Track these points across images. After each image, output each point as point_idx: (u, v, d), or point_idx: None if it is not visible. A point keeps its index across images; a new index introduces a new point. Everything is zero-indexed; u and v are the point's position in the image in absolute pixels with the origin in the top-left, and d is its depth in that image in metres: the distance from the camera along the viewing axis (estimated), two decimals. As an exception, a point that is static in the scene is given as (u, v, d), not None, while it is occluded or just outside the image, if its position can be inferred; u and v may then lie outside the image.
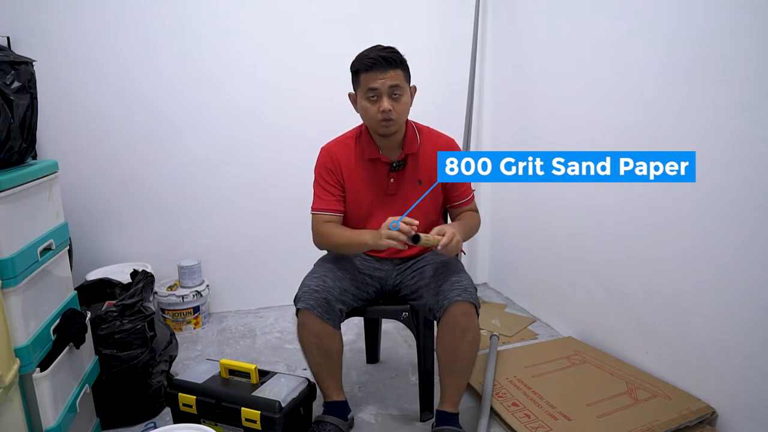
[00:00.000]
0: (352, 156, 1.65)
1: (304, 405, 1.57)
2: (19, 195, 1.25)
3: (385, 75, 1.49)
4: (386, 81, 1.49)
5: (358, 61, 1.54)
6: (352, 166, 1.65)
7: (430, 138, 1.68)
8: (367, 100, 1.53)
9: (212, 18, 2.39)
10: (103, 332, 1.66)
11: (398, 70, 1.51)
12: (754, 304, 1.45)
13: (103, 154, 2.38)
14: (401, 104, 1.53)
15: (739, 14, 1.44)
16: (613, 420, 1.58)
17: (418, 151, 1.64)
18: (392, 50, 1.53)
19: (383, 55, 1.49)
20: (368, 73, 1.50)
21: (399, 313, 1.67)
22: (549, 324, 2.45)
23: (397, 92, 1.51)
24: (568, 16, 2.16)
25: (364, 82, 1.52)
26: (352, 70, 1.56)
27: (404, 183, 1.66)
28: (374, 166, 1.64)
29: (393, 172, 1.65)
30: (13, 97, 1.24)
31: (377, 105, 1.51)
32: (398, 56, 1.52)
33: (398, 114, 1.53)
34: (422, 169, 1.65)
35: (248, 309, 2.72)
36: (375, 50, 1.52)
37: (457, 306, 1.47)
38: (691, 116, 1.61)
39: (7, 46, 1.71)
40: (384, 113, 1.51)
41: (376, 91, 1.50)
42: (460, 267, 1.64)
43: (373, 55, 1.50)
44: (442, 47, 2.68)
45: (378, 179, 1.65)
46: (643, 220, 1.83)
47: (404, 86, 1.53)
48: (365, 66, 1.50)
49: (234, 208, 2.59)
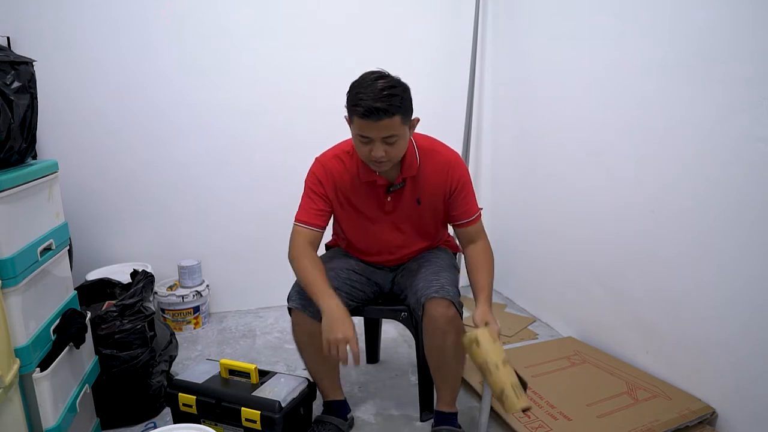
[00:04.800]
0: (347, 174, 1.56)
1: (304, 405, 1.57)
2: (19, 195, 1.25)
3: (378, 125, 1.34)
4: (380, 132, 1.36)
5: (352, 100, 1.37)
6: (347, 183, 1.57)
7: (431, 156, 1.56)
8: (359, 140, 1.42)
9: (212, 18, 2.39)
10: (103, 332, 1.66)
11: (395, 117, 1.34)
12: (755, 304, 1.45)
13: (103, 154, 2.38)
14: (396, 148, 1.41)
15: (739, 14, 1.44)
16: (613, 420, 1.58)
17: (417, 172, 1.55)
18: (389, 96, 1.33)
19: (377, 107, 1.31)
20: (360, 120, 1.36)
21: (398, 313, 1.67)
22: (549, 324, 2.45)
23: (392, 139, 1.38)
24: (568, 15, 2.16)
25: (356, 125, 1.39)
26: (346, 105, 1.41)
27: (402, 202, 1.58)
28: (371, 186, 1.57)
29: (390, 193, 1.57)
30: (13, 97, 1.24)
31: (369, 147, 1.40)
32: (395, 103, 1.34)
33: (392, 156, 1.42)
34: (422, 189, 1.57)
35: (248, 309, 2.72)
36: (370, 95, 1.33)
37: (433, 305, 1.44)
38: (691, 116, 1.61)
39: (7, 46, 1.71)
40: (376, 158, 1.41)
41: (368, 138, 1.39)
42: (443, 264, 1.61)
43: (365, 103, 1.32)
44: (442, 47, 2.68)
45: (375, 197, 1.58)
46: (643, 220, 1.83)
47: (400, 131, 1.38)
48: (357, 113, 1.35)
49: (234, 208, 2.59)
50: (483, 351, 1.31)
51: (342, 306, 1.41)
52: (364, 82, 1.37)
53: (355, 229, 1.64)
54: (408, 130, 1.43)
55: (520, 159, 2.59)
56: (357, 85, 1.38)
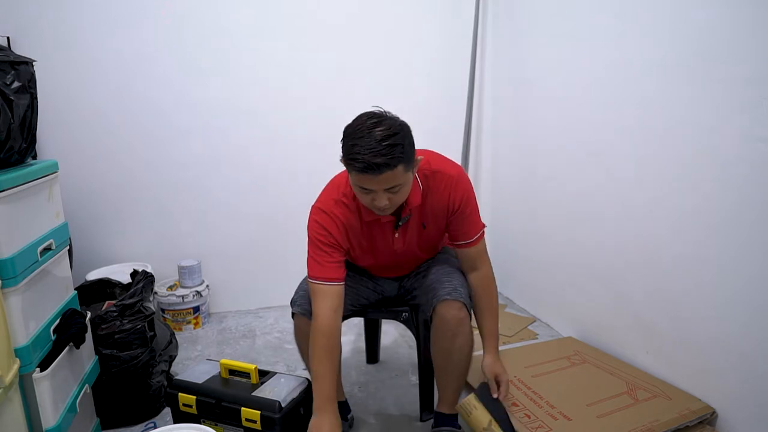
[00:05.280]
0: (353, 217, 1.44)
1: (304, 405, 1.57)
2: (19, 195, 1.25)
3: (379, 179, 1.23)
4: (381, 184, 1.25)
5: (347, 152, 1.25)
6: (356, 228, 1.46)
7: (433, 179, 1.46)
8: (360, 191, 1.31)
9: (212, 18, 2.39)
10: (103, 332, 1.66)
11: (397, 168, 1.23)
12: (755, 304, 1.45)
13: (103, 154, 2.39)
14: (400, 195, 1.31)
15: (739, 14, 1.44)
16: (613, 420, 1.57)
17: (423, 200, 1.46)
18: (389, 147, 1.20)
19: (377, 162, 1.20)
20: (359, 174, 1.24)
21: (399, 313, 1.67)
22: (549, 324, 2.45)
23: (395, 189, 1.28)
24: (568, 15, 2.16)
25: (355, 178, 1.28)
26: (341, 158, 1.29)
27: (409, 232, 1.51)
28: (377, 224, 1.48)
29: (398, 228, 1.49)
30: (13, 97, 1.24)
31: (371, 197, 1.30)
32: (396, 155, 1.21)
33: (396, 203, 1.33)
34: (427, 214, 1.49)
35: (248, 309, 2.72)
36: (367, 148, 1.20)
37: (445, 306, 1.45)
38: (691, 116, 1.61)
39: (7, 46, 1.71)
40: (379, 207, 1.32)
41: (369, 189, 1.28)
42: (453, 265, 1.60)
43: (364, 158, 1.20)
44: (442, 47, 2.68)
45: (383, 236, 1.50)
46: (643, 220, 1.83)
47: (404, 179, 1.27)
48: (356, 169, 1.23)
49: (234, 209, 2.59)
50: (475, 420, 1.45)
51: (335, 422, 1.36)
52: (359, 131, 1.24)
53: (363, 261, 1.61)
54: (411, 174, 1.33)
55: (520, 159, 2.59)
56: (352, 134, 1.25)
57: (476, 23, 2.64)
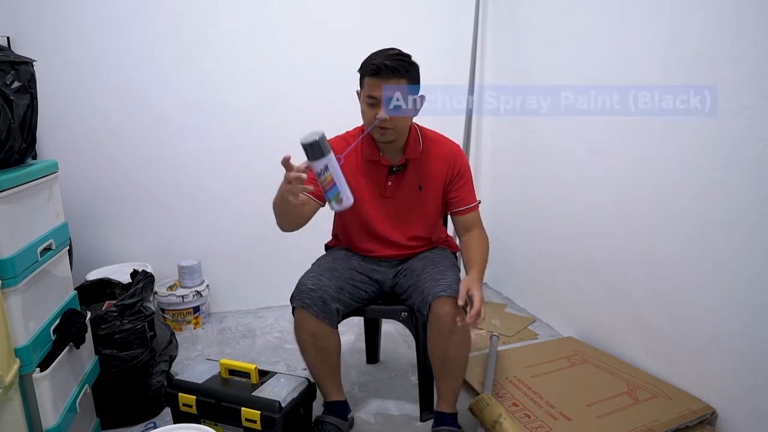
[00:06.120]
0: (353, 153, 1.60)
1: (304, 405, 1.57)
2: (19, 195, 1.25)
3: (387, 85, 1.45)
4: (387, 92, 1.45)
5: (365, 63, 1.50)
6: (351, 163, 1.60)
7: (434, 144, 1.64)
8: (366, 104, 1.51)
9: (212, 18, 2.39)
10: (103, 332, 1.66)
11: (402, 79, 1.46)
12: (755, 304, 1.45)
13: (103, 154, 2.38)
14: (400, 121, 1.50)
15: (739, 14, 1.44)
16: (613, 420, 1.57)
17: (420, 157, 1.61)
18: (400, 58, 1.47)
19: (387, 64, 1.43)
20: (371, 78, 1.47)
21: (398, 313, 1.67)
22: (549, 324, 2.45)
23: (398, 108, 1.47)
24: (568, 15, 2.16)
25: (366, 86, 1.49)
26: (359, 71, 1.53)
27: (403, 187, 1.63)
28: (373, 167, 1.63)
29: (391, 175, 1.62)
30: (13, 97, 1.24)
31: (374, 111, 1.48)
32: (405, 65, 1.46)
33: (395, 123, 1.50)
34: (423, 175, 1.62)
35: (248, 309, 2.72)
36: (382, 56, 1.47)
37: (440, 303, 1.44)
38: (691, 116, 1.60)
39: (7, 46, 1.71)
40: (380, 123, 1.48)
41: (375, 98, 1.47)
42: (447, 263, 1.61)
43: (378, 61, 1.45)
44: (442, 47, 2.68)
45: (376, 180, 1.63)
46: (643, 220, 1.83)
47: (407, 99, 1.48)
48: (369, 71, 1.47)
49: (234, 208, 2.59)
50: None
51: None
52: (378, 50, 1.50)
53: (354, 214, 1.62)
54: (415, 103, 1.51)
55: (520, 159, 2.59)
56: (371, 53, 1.50)
57: (476, 23, 2.64)
